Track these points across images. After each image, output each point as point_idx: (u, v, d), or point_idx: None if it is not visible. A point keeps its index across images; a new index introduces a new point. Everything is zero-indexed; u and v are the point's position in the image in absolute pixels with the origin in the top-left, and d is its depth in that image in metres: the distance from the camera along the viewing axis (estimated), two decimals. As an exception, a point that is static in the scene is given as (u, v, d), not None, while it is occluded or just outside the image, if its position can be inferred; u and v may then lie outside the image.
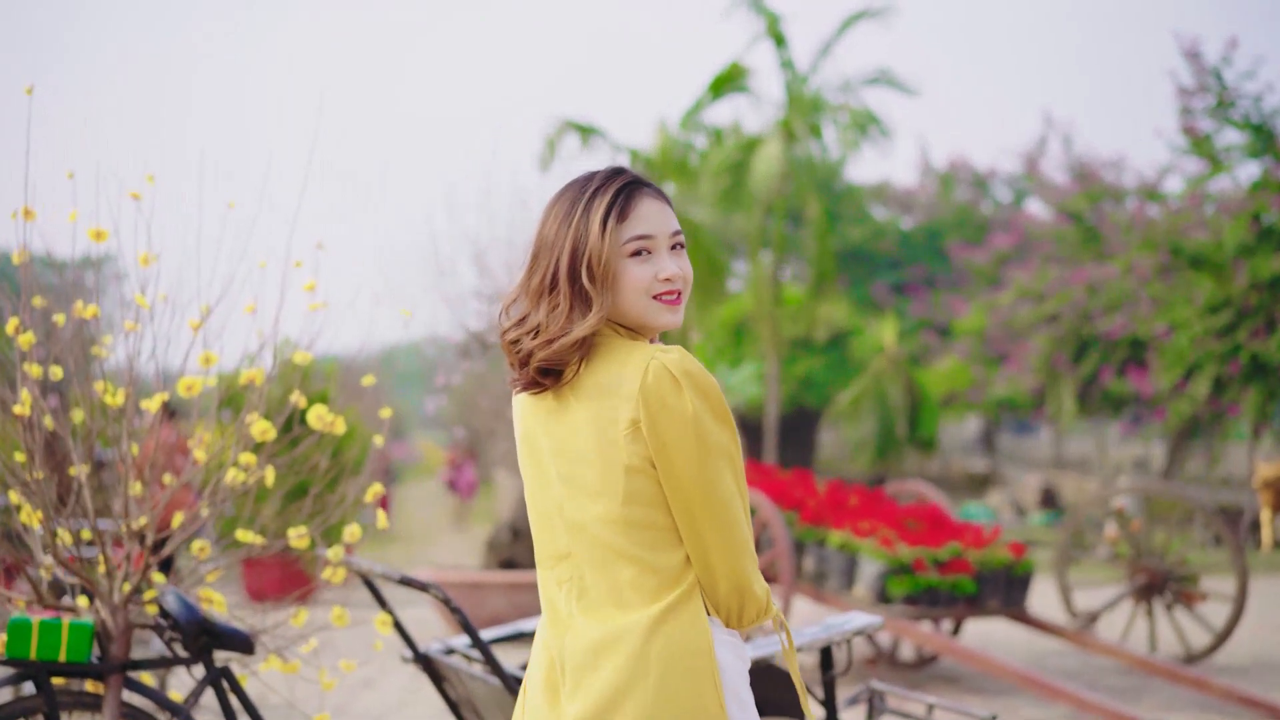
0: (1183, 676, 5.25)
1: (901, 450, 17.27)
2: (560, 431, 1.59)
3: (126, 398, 2.65)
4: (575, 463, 1.57)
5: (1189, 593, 6.52)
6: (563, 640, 1.56)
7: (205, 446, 2.72)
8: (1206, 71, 12.66)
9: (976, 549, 5.73)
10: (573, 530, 1.58)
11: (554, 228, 1.63)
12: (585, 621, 1.54)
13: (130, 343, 2.75)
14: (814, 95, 13.10)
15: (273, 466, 2.71)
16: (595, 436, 1.55)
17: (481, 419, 9.24)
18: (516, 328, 1.60)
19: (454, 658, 2.93)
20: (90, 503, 2.67)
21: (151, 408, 2.69)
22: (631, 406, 1.53)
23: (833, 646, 2.55)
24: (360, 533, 2.81)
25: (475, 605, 7.06)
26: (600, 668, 1.50)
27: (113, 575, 2.62)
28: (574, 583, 1.56)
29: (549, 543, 1.61)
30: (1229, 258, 12.43)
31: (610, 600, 1.53)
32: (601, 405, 1.55)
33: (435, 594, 2.60)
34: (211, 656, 2.57)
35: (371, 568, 2.71)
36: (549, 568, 1.61)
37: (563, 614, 1.57)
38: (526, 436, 1.65)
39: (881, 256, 21.89)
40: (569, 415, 1.58)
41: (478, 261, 7.32)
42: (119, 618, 2.61)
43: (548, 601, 1.61)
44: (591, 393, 1.56)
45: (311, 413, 2.75)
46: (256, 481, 2.73)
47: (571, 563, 1.57)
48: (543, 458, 1.61)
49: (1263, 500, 13.60)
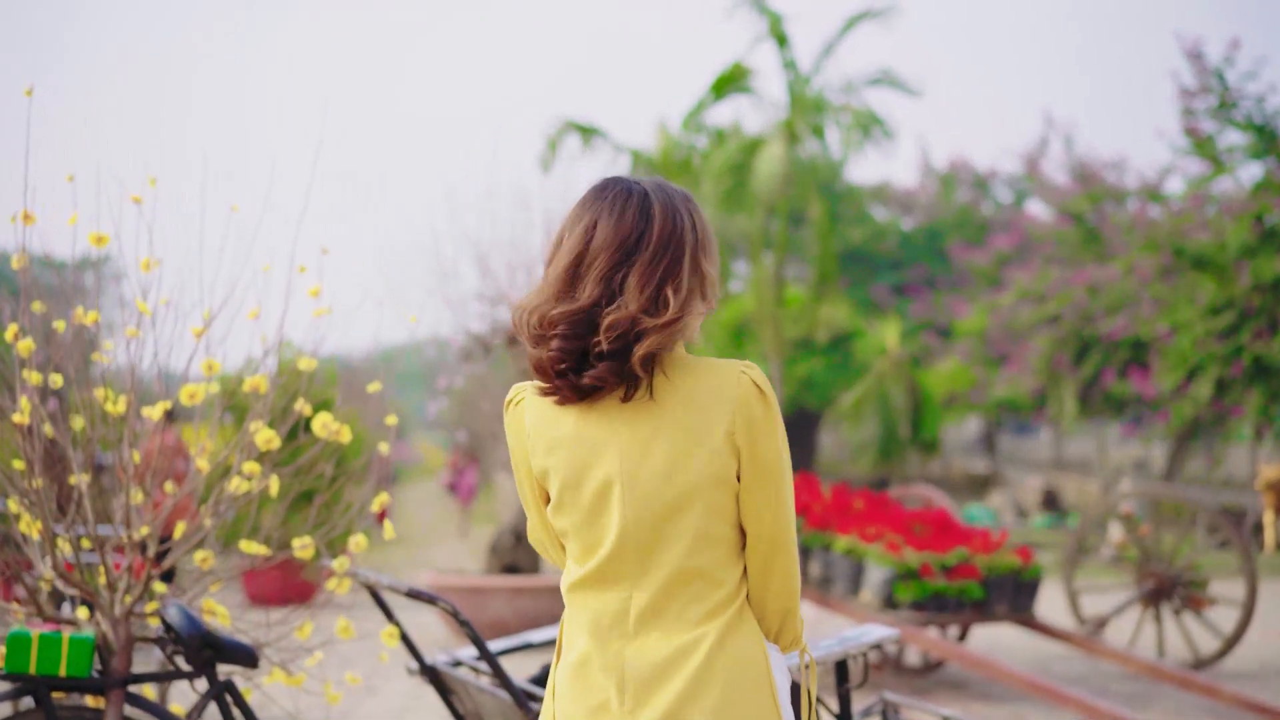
0: (1192, 683, 5.20)
1: (904, 452, 17.23)
2: (633, 443, 1.53)
3: (128, 405, 2.60)
4: (656, 477, 1.52)
5: (1197, 598, 6.48)
6: (622, 658, 1.52)
7: (209, 455, 2.66)
8: (1209, 72, 12.62)
9: (984, 554, 5.69)
10: (641, 547, 1.53)
11: (671, 221, 1.57)
12: (651, 638, 1.51)
13: (131, 349, 2.70)
14: (816, 96, 13.06)
15: (277, 476, 2.66)
16: (685, 448, 1.52)
17: (483, 422, 9.19)
18: (617, 310, 1.50)
19: (461, 670, 2.88)
20: (91, 513, 2.62)
21: (153, 415, 2.64)
22: (728, 419, 1.52)
23: (848, 659, 2.50)
24: (366, 543, 2.76)
25: (477, 610, 7.01)
26: (669, 681, 1.50)
27: (114, 587, 2.57)
28: (635, 600, 1.53)
29: (606, 561, 1.54)
30: (1232, 259, 12.39)
31: (675, 616, 1.52)
32: (692, 416, 1.52)
33: (444, 607, 2.55)
34: (215, 670, 2.51)
35: (379, 580, 2.66)
36: (600, 588, 1.55)
37: (616, 632, 1.53)
38: (571, 447, 1.55)
39: (882, 257, 21.85)
40: (646, 425, 1.53)
41: (480, 263, 7.26)
42: (120, 631, 2.55)
43: (593, 621, 1.55)
44: (681, 402, 1.53)
45: (317, 421, 2.70)
46: (261, 490, 2.68)
47: (633, 580, 1.53)
48: (599, 471, 1.54)
49: (1265, 502, 13.57)
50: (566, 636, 1.59)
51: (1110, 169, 17.81)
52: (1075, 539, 7.02)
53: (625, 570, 1.53)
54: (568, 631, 1.59)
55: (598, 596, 1.55)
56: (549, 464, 1.58)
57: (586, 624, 1.55)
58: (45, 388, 2.64)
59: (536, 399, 1.59)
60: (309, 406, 2.72)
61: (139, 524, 2.62)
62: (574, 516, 1.56)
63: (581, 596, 1.56)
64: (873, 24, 12.81)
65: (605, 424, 1.54)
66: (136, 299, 2.62)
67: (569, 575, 1.59)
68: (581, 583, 1.56)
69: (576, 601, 1.57)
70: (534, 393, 1.59)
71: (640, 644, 1.52)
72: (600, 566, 1.55)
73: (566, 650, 1.58)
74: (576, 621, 1.56)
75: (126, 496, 2.60)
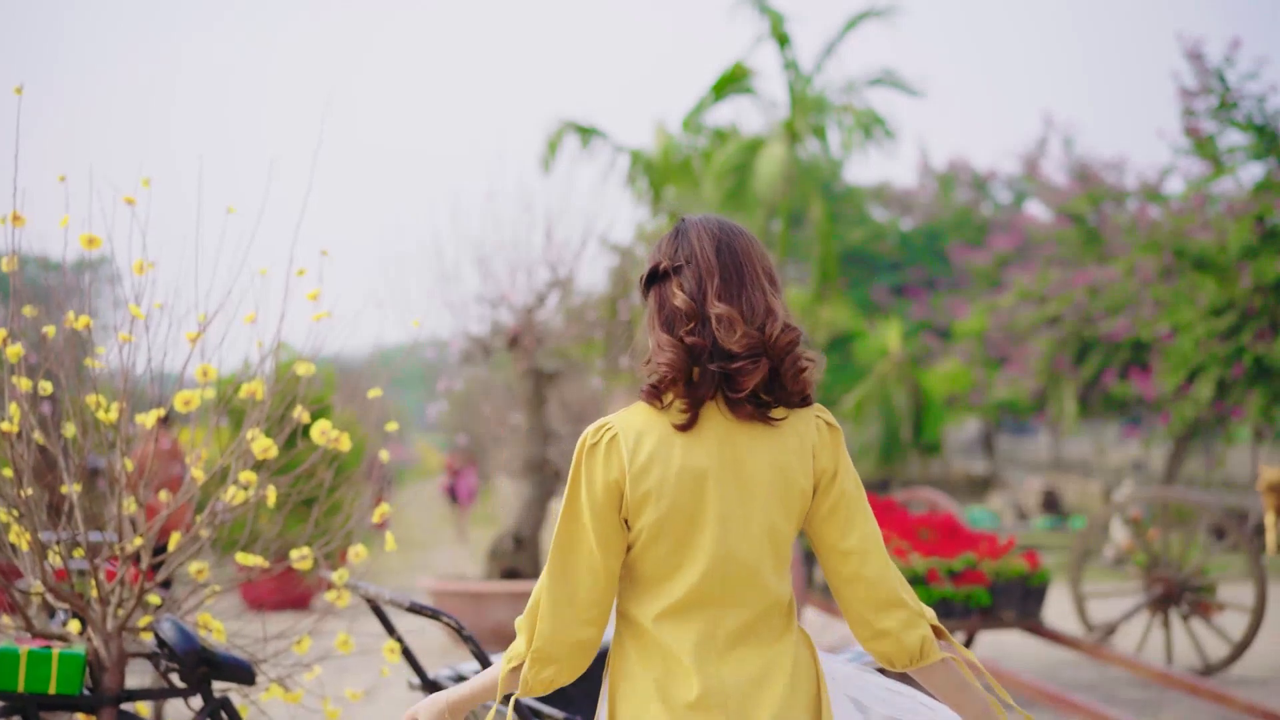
0: (1202, 689, 5.13)
1: (906, 454, 17.16)
2: (751, 465, 1.61)
3: (120, 413, 2.52)
4: (763, 498, 1.61)
5: (1206, 603, 6.41)
6: (704, 679, 1.58)
7: (204, 464, 2.58)
8: (1209, 72, 12.58)
9: (991, 559, 5.61)
10: (734, 568, 1.60)
11: (759, 253, 1.69)
12: (740, 653, 1.60)
13: (125, 354, 2.62)
14: (818, 96, 12.99)
15: (274, 486, 2.58)
16: (788, 470, 1.61)
17: (484, 425, 9.11)
18: (786, 331, 1.61)
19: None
20: (82, 523, 2.53)
21: (147, 422, 2.56)
22: (815, 437, 1.64)
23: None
24: (365, 553, 2.68)
25: (477, 616, 6.92)
26: (769, 688, 1.60)
27: (106, 601, 2.49)
28: (714, 623, 1.60)
29: (701, 588, 1.60)
30: (1233, 260, 12.34)
31: (752, 633, 1.61)
32: (794, 437, 1.62)
33: (448, 622, 2.47)
34: (210, 687, 2.43)
35: (380, 593, 2.58)
36: (687, 619, 1.61)
37: (695, 656, 1.59)
38: (696, 475, 1.60)
39: (881, 258, 21.79)
40: (769, 445, 1.62)
41: (481, 265, 7.19)
42: (113, 647, 2.47)
43: (664, 649, 1.60)
44: (787, 424, 1.63)
45: (315, 428, 2.62)
46: (258, 500, 2.60)
47: (718, 605, 1.60)
48: (712, 496, 1.60)
49: (1267, 504, 13.50)
50: (630, 663, 1.61)
51: (1110, 169, 17.76)
52: (1080, 544, 6.95)
53: (711, 597, 1.61)
54: (633, 656, 1.61)
55: (676, 627, 1.60)
56: (673, 493, 1.62)
57: (661, 655, 1.60)
58: (35, 394, 2.56)
59: None
60: (307, 414, 2.64)
61: (131, 535, 2.54)
62: (669, 547, 1.61)
63: (656, 626, 1.61)
64: (874, 24, 12.75)
65: (730, 448, 1.63)
66: (129, 303, 2.54)
67: (653, 604, 1.62)
68: (657, 617, 1.61)
69: (643, 630, 1.62)
70: None
71: (733, 659, 1.60)
72: (686, 597, 1.60)
73: (639, 674, 1.60)
74: (645, 650, 1.61)
75: (119, 506, 2.51)
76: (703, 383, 1.57)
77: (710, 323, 1.57)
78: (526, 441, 7.27)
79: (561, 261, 7.09)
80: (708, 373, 1.57)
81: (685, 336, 1.57)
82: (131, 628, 2.51)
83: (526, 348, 7.06)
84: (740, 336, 1.57)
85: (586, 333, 7.26)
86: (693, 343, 1.57)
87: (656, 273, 1.63)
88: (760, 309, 1.60)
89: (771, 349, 1.59)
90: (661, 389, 1.58)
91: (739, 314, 1.57)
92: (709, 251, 1.61)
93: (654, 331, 1.61)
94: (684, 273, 1.61)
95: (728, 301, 1.58)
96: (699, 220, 1.67)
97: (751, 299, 1.60)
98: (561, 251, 7.10)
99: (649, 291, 1.64)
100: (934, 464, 19.91)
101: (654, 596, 1.60)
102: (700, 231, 1.64)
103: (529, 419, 7.24)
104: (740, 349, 1.57)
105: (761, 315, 1.59)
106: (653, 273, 1.64)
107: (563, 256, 7.09)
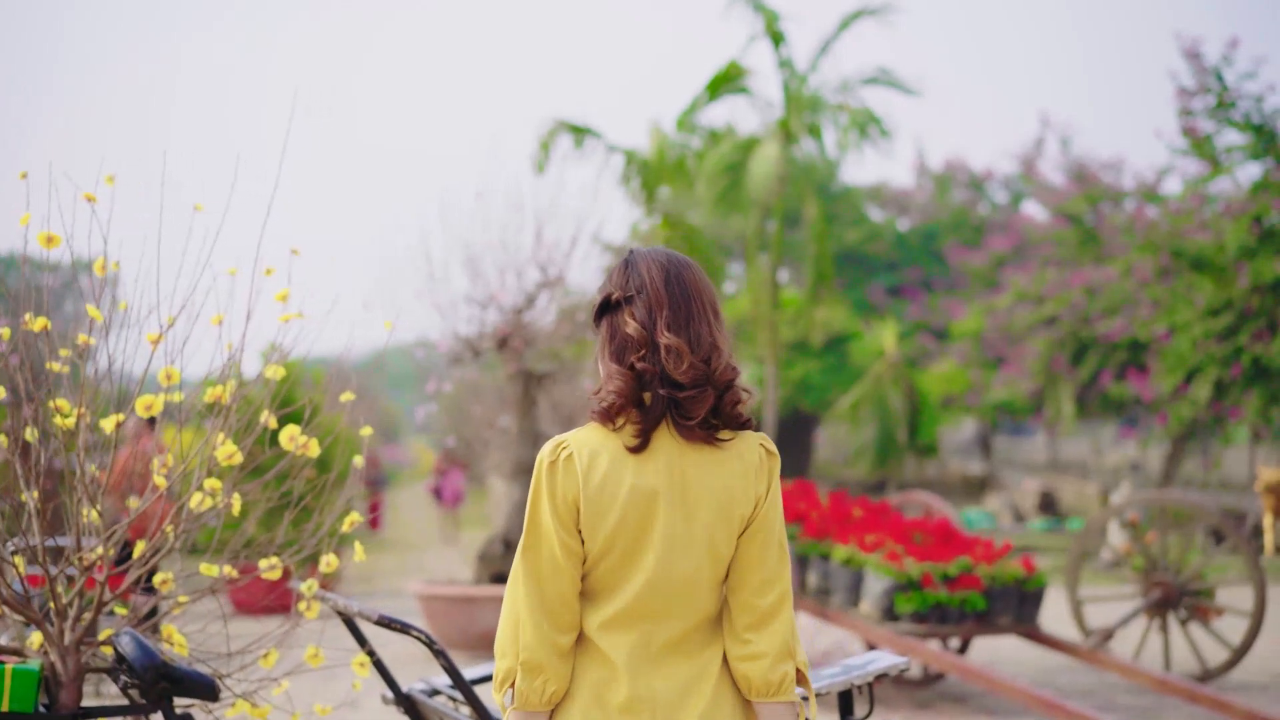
0: (1201, 696, 5.05)
1: (901, 455, 17.09)
2: (696, 487, 1.69)
3: (78, 418, 2.42)
4: (706, 518, 1.68)
5: (1205, 607, 6.32)
6: (634, 685, 1.66)
7: (167, 470, 2.49)
8: (1207, 72, 12.51)
9: (987, 563, 5.53)
10: (674, 584, 1.68)
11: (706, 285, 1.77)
12: (672, 662, 1.68)
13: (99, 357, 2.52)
14: (813, 95, 12.90)
15: (239, 494, 2.48)
16: (731, 492, 1.69)
17: (473, 427, 9.01)
18: (728, 370, 1.70)
19: (439, 699, 2.71)
20: (39, 533, 2.44)
21: (108, 427, 2.46)
22: (756, 462, 1.70)
23: (853, 690, 2.33)
24: (337, 563, 2.59)
25: (467, 621, 6.82)
26: (693, 696, 1.68)
27: (64, 614, 2.39)
28: (648, 635, 1.69)
29: (640, 601, 1.67)
30: (1230, 260, 12.27)
31: (684, 643, 1.70)
32: (737, 460, 1.70)
33: (417, 636, 2.38)
34: (172, 704, 2.34)
35: (348, 606, 2.49)
36: (624, 629, 1.68)
37: (629, 664, 1.68)
38: (645, 495, 1.68)
39: (877, 259, 21.72)
40: (714, 468, 1.69)
41: (470, 266, 7.09)
42: (70, 661, 2.37)
43: (603, 656, 1.68)
44: (731, 448, 1.70)
45: (284, 434, 2.52)
46: (226, 507, 2.50)
47: (655, 618, 1.69)
48: (660, 515, 1.68)
49: (1265, 505, 13.44)
50: (576, 670, 1.68)
51: (1107, 170, 17.70)
52: (1077, 547, 6.86)
53: (653, 611, 1.69)
54: (579, 663, 1.69)
55: (620, 638, 1.69)
56: (618, 511, 1.69)
57: (601, 661, 1.68)
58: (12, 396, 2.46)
59: None
60: (274, 420, 2.54)
61: (93, 545, 2.44)
62: (608, 564, 1.69)
63: (598, 636, 1.69)
64: (870, 23, 12.65)
65: (676, 469, 1.71)
66: (88, 305, 2.44)
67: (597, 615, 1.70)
68: (601, 628, 1.69)
69: (591, 642, 1.69)
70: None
71: (664, 670, 1.68)
72: (629, 610, 1.69)
73: (581, 680, 1.67)
74: (590, 658, 1.69)
75: (77, 516, 2.42)
76: (654, 407, 1.66)
77: (660, 351, 1.66)
78: (516, 444, 7.17)
79: (551, 262, 7.00)
80: (659, 397, 1.66)
81: (636, 363, 1.66)
82: (90, 641, 2.41)
83: (515, 349, 6.97)
84: (687, 368, 1.65)
85: (577, 333, 7.17)
86: (643, 368, 1.66)
87: (609, 302, 1.71)
88: (706, 342, 1.68)
89: (715, 382, 1.67)
90: (612, 414, 1.67)
91: (686, 345, 1.66)
92: (659, 283, 1.69)
93: (604, 360, 1.70)
94: (635, 302, 1.69)
95: (675, 332, 1.67)
96: (648, 252, 1.74)
97: (699, 331, 1.68)
98: (551, 252, 7.01)
99: (600, 321, 1.73)
100: (930, 465, 19.83)
101: (597, 607, 1.69)
102: (650, 263, 1.72)
103: (519, 421, 7.15)
104: (686, 380, 1.65)
105: (707, 348, 1.68)
106: (604, 302, 1.72)
107: (553, 257, 7.00)
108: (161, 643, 2.49)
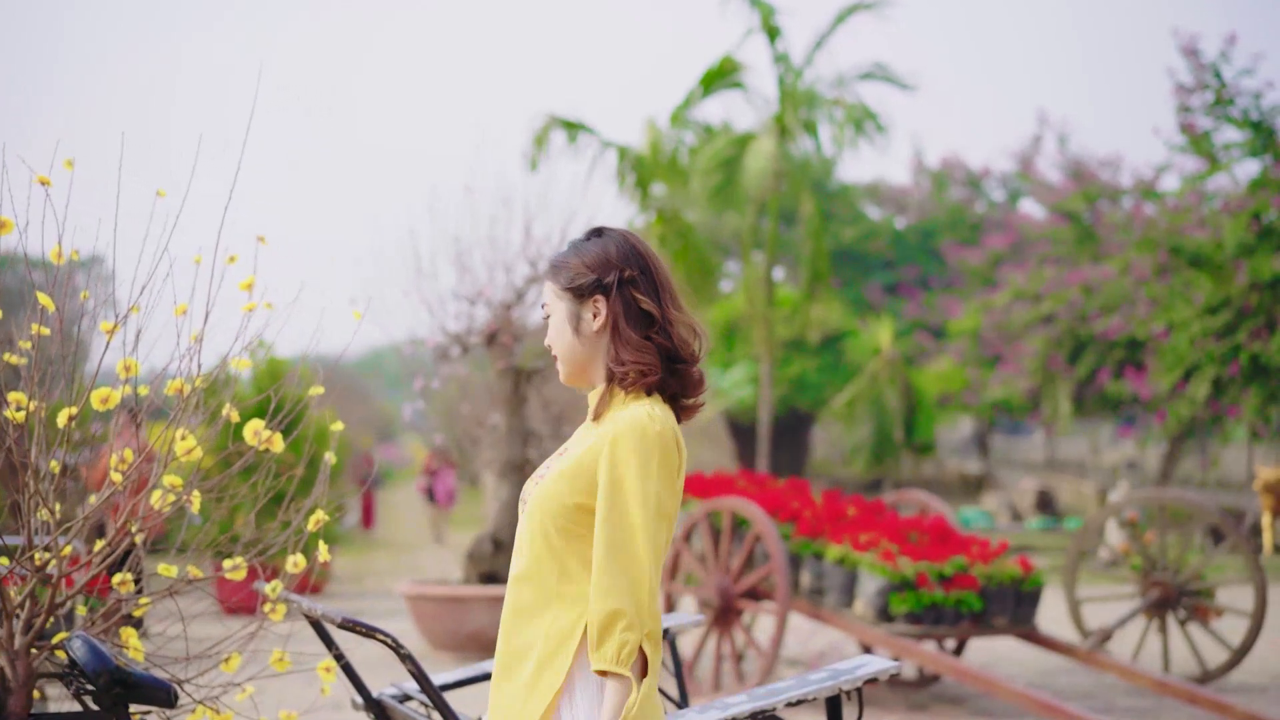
0: (1201, 698, 4.96)
1: (898, 454, 17.00)
2: None
3: (29, 414, 2.32)
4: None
5: (1204, 608, 6.22)
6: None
7: (123, 466, 2.38)
8: (1205, 69, 12.42)
9: (983, 563, 5.42)
10: None
11: None
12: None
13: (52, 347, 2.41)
14: (808, 90, 12.79)
15: (199, 492, 2.37)
16: None
17: (463, 425, 8.91)
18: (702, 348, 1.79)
19: (410, 705, 2.61)
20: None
21: (61, 420, 2.35)
22: None
23: (842, 696, 2.23)
24: (304, 563, 2.48)
25: (456, 621, 6.71)
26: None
27: (13, 616, 2.28)
28: None
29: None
30: (1228, 257, 12.19)
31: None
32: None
33: (383, 640, 2.28)
34: (127, 711, 2.23)
35: (312, 608, 2.38)
36: None
37: None
38: None
39: (874, 257, 21.63)
40: None
41: (459, 261, 6.98)
42: (20, 666, 2.26)
43: None
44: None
45: (248, 428, 2.42)
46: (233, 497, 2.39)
47: None
48: None
49: (1263, 504, 13.35)
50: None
51: (1105, 167, 17.62)
52: (1075, 547, 6.76)
53: None
54: None
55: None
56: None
57: None
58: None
59: None
60: (236, 414, 2.43)
61: (43, 541, 2.33)
62: None
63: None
64: (866, 18, 12.54)
65: None
66: (39, 293, 2.34)
67: None
68: None
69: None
70: None
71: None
72: None
73: None
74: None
75: (30, 514, 2.31)
76: (675, 382, 1.72)
77: (672, 328, 1.71)
78: (506, 442, 7.06)
79: (541, 257, 6.89)
80: (676, 373, 1.71)
81: (654, 336, 1.70)
82: (42, 645, 2.31)
83: (505, 345, 6.86)
84: (694, 346, 1.73)
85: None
86: (661, 343, 1.70)
87: (622, 278, 1.72)
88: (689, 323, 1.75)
89: (696, 359, 1.73)
90: (654, 386, 1.70)
91: (691, 325, 1.74)
92: (654, 264, 1.75)
93: (625, 332, 1.71)
94: (640, 282, 1.72)
95: (679, 310, 1.74)
96: (628, 233, 1.77)
97: (686, 312, 1.75)
98: (541, 247, 6.91)
99: (608, 294, 1.72)
100: (927, 464, 19.75)
101: None
102: (638, 243, 1.76)
103: (508, 419, 7.04)
104: (689, 357, 1.72)
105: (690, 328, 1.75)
106: (619, 278, 1.73)
107: (542, 252, 6.89)
108: (120, 646, 2.38)
